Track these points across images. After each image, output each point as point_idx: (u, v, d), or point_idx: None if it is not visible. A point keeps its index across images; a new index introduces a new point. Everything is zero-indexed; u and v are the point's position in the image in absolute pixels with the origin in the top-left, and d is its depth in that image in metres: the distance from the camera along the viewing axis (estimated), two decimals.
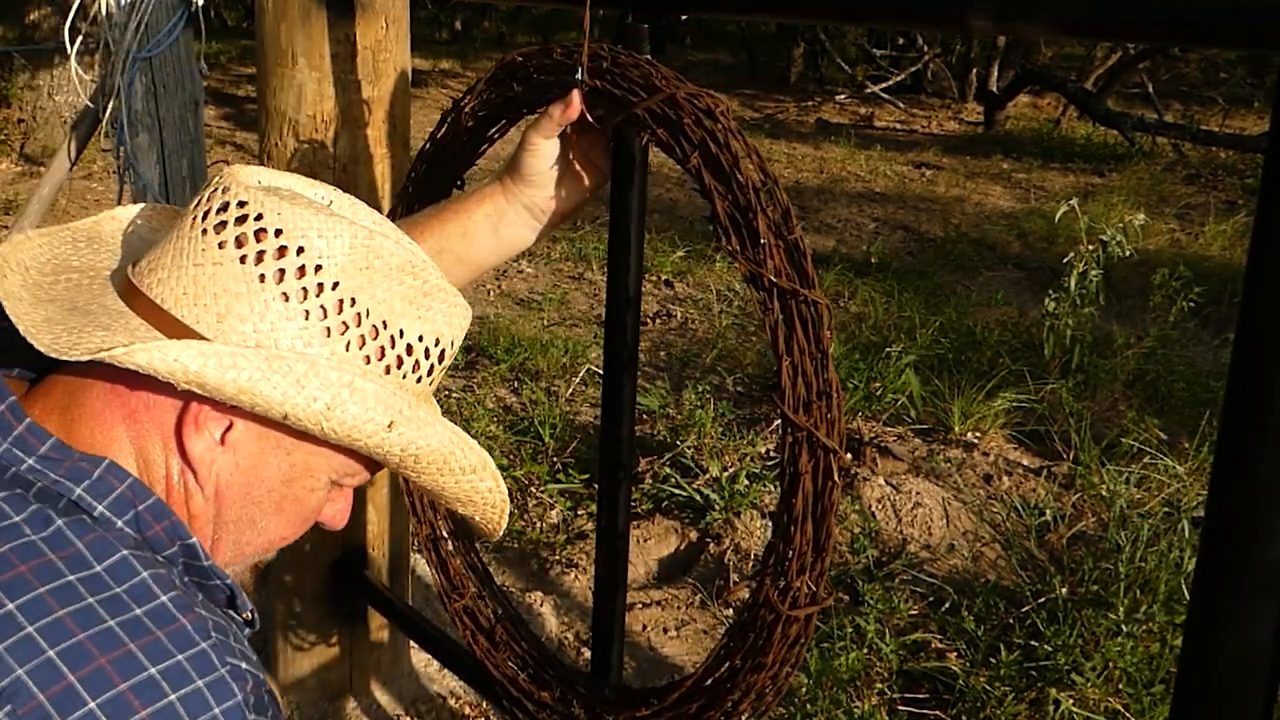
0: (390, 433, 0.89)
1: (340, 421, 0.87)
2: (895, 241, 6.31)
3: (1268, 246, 0.84)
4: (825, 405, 1.06)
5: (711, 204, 1.11)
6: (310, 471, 0.93)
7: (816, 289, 1.07)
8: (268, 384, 0.84)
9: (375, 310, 0.90)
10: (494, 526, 1.05)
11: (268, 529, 0.95)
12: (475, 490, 1.00)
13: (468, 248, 1.29)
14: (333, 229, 0.88)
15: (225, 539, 0.94)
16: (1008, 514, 3.08)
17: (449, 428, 0.95)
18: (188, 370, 0.82)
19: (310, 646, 2.21)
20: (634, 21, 1.24)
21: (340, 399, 0.86)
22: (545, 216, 1.30)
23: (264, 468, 0.91)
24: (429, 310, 0.93)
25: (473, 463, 0.97)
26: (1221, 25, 0.92)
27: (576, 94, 1.20)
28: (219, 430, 0.88)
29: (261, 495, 0.92)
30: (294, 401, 0.85)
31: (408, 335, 0.92)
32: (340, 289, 0.88)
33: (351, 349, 0.89)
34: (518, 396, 3.89)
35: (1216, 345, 4.51)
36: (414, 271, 0.92)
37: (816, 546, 1.09)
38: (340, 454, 0.93)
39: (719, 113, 1.11)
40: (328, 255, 0.88)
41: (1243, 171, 8.17)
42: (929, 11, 1.19)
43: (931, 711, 2.35)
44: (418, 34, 2.31)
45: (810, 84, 12.34)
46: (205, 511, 0.91)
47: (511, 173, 1.28)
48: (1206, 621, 0.91)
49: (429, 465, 0.94)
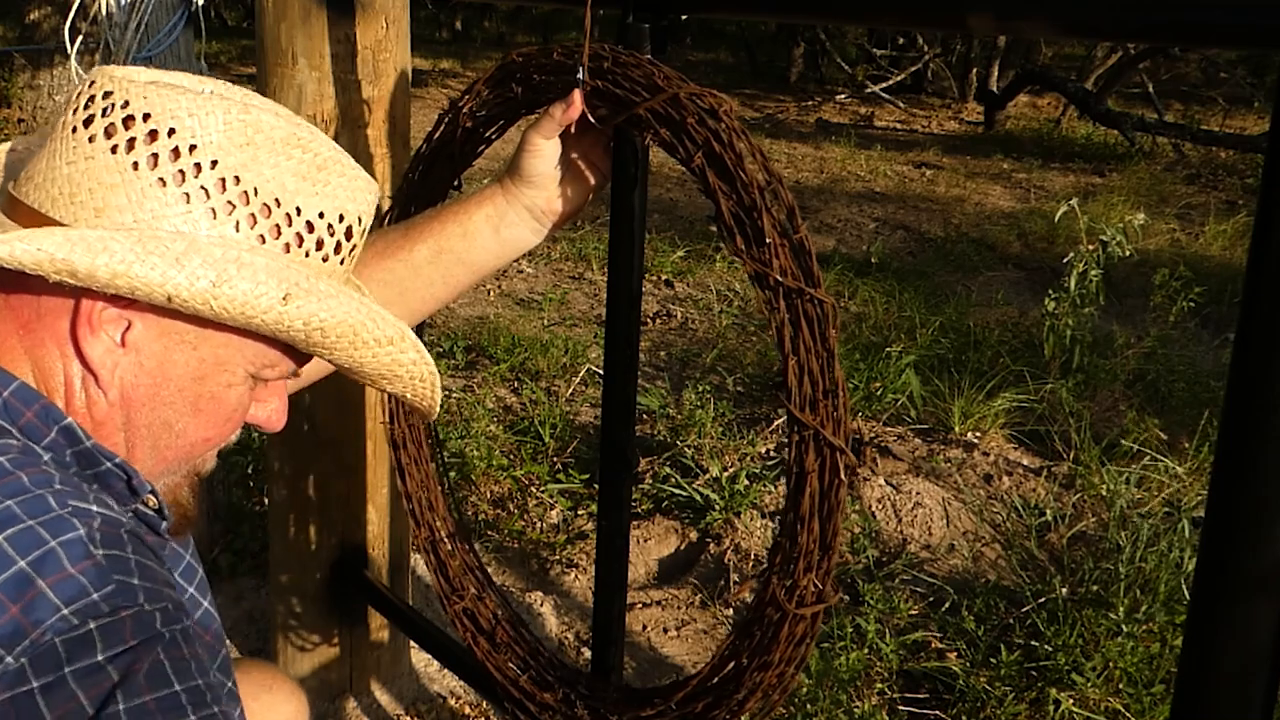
0: (287, 306, 0.85)
1: (230, 298, 0.82)
2: (895, 241, 6.31)
3: (1268, 246, 0.84)
4: (831, 404, 1.07)
5: (716, 204, 1.11)
6: (222, 365, 0.89)
7: (822, 288, 1.07)
8: (143, 265, 0.80)
9: (264, 188, 0.85)
10: (428, 403, 1.01)
11: (186, 431, 0.91)
12: (398, 364, 0.96)
13: (468, 249, 1.29)
14: (204, 107, 0.84)
15: (141, 444, 0.90)
16: (1008, 514, 3.08)
17: (357, 299, 0.91)
18: (54, 258, 0.78)
19: (310, 646, 2.21)
20: (634, 21, 1.23)
21: (227, 274, 0.81)
22: (546, 218, 1.29)
23: (170, 365, 0.87)
24: (326, 185, 0.89)
25: (388, 334, 0.93)
26: (1221, 25, 0.92)
27: (578, 94, 1.20)
28: (117, 331, 0.85)
29: (172, 395, 0.88)
30: (175, 281, 0.80)
31: (305, 212, 0.87)
32: (220, 167, 0.84)
33: (242, 229, 0.84)
34: (518, 396, 3.89)
35: (1216, 345, 4.51)
36: (301, 145, 0.87)
37: (823, 545, 1.09)
38: (250, 342, 0.89)
39: (722, 112, 1.11)
40: (201, 134, 0.83)
41: (1243, 171, 8.17)
42: (929, 11, 1.19)
43: (931, 711, 2.35)
44: (418, 34, 2.31)
45: (810, 84, 12.34)
46: (112, 417, 0.88)
47: (512, 174, 1.28)
48: (1206, 621, 0.91)
49: (339, 340, 0.90)
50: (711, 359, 4.21)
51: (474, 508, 3.12)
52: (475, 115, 1.37)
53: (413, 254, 1.28)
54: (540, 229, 1.30)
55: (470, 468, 3.22)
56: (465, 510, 3.10)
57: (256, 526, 2.85)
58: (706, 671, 1.21)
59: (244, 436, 3.25)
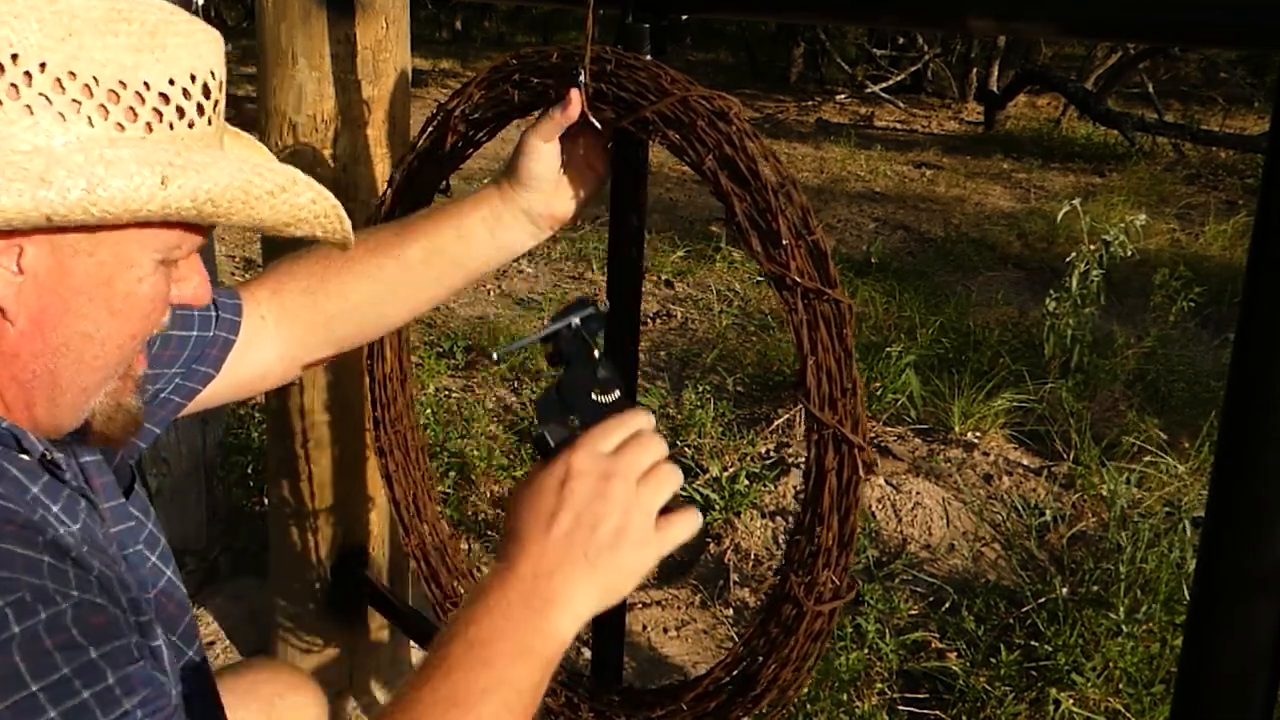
0: (168, 189, 0.81)
1: (108, 200, 0.79)
2: (895, 241, 6.31)
3: (1268, 246, 0.84)
4: (850, 402, 1.07)
5: (729, 207, 1.11)
6: (126, 261, 0.86)
7: (839, 288, 1.07)
8: (9, 196, 0.76)
9: (102, 75, 0.80)
10: (340, 235, 0.98)
11: (110, 335, 0.88)
12: (296, 208, 0.92)
13: (462, 251, 1.28)
14: (10, 10, 0.78)
15: (64, 365, 0.87)
16: (1008, 514, 3.08)
17: (236, 159, 0.88)
18: None
19: (310, 646, 2.21)
20: (634, 22, 1.23)
21: (96, 178, 0.78)
22: (544, 221, 1.28)
23: (72, 278, 0.84)
24: (164, 50, 0.84)
25: (278, 183, 0.89)
26: (1221, 25, 0.92)
27: (578, 95, 1.20)
28: (10, 261, 0.82)
29: (83, 306, 0.85)
30: (48, 200, 0.77)
31: (154, 85, 0.83)
32: (51, 68, 0.79)
33: (97, 124, 0.80)
34: (518, 396, 3.89)
35: (1216, 345, 4.51)
36: (125, 17, 0.82)
37: (841, 541, 1.09)
38: (146, 231, 0.86)
39: (733, 115, 1.11)
40: (18, 41, 0.78)
41: (1243, 171, 8.17)
42: (929, 11, 1.19)
43: (931, 711, 2.35)
44: (418, 34, 2.31)
45: (810, 84, 12.34)
46: (26, 345, 0.85)
47: (509, 176, 1.27)
48: (1206, 621, 0.91)
49: (231, 204, 0.86)
50: (711, 359, 4.21)
51: (474, 508, 3.12)
52: (468, 118, 1.35)
53: (406, 253, 1.27)
54: (537, 232, 1.29)
55: (470, 468, 3.22)
56: (465, 510, 3.10)
57: (256, 526, 2.85)
58: (720, 670, 1.21)
59: (244, 437, 3.26)
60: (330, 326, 1.29)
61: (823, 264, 1.07)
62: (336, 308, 1.28)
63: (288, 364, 1.31)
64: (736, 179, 1.10)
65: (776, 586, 1.15)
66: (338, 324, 1.30)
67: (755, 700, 1.17)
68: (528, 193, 1.26)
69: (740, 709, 1.19)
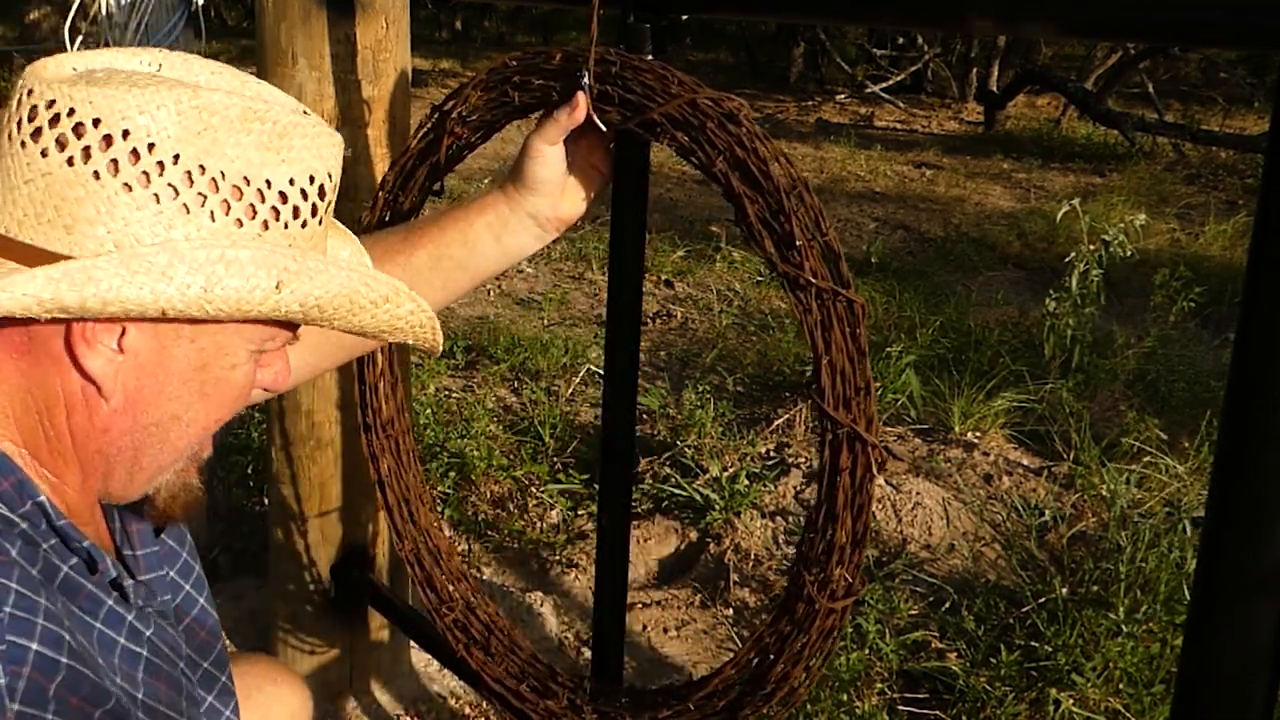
0: (281, 293, 0.84)
1: (224, 299, 0.82)
2: (895, 241, 6.31)
3: (1268, 246, 0.84)
4: (864, 401, 1.08)
5: (741, 209, 1.11)
6: (224, 350, 0.89)
7: (852, 288, 1.08)
8: (131, 288, 0.79)
9: (230, 170, 0.83)
10: (430, 344, 1.02)
11: (197, 418, 0.91)
12: (396, 318, 0.96)
13: (468, 255, 1.28)
14: (153, 101, 0.81)
15: (150, 443, 0.90)
16: (1008, 514, 3.08)
17: (346, 268, 0.91)
18: (42, 300, 0.77)
19: (310, 646, 2.21)
20: (635, 22, 1.23)
21: (215, 276, 0.81)
22: (550, 224, 1.28)
23: (171, 361, 0.87)
24: (290, 150, 0.87)
25: (382, 293, 0.93)
26: (1221, 25, 0.92)
27: (583, 97, 1.19)
28: (112, 339, 0.84)
29: (177, 389, 0.88)
30: (167, 295, 0.79)
31: (276, 183, 0.86)
32: (183, 161, 0.81)
33: (218, 218, 0.83)
34: (518, 396, 3.89)
35: (1216, 345, 4.51)
36: (259, 117, 0.85)
37: (854, 539, 1.10)
38: (247, 325, 0.88)
39: (743, 116, 1.11)
40: (156, 131, 0.80)
41: (1243, 171, 8.17)
42: (929, 11, 1.19)
43: (931, 711, 2.35)
44: (418, 34, 2.31)
45: (810, 84, 12.33)
46: (117, 422, 0.87)
47: (515, 180, 1.27)
48: (1206, 621, 0.91)
49: (336, 311, 0.90)
50: (711, 359, 4.21)
51: (474, 508, 3.12)
52: (465, 120, 1.34)
53: (412, 259, 1.27)
54: (543, 235, 1.30)
55: (470, 468, 3.22)
56: (465, 510, 3.10)
57: (256, 526, 2.85)
58: (729, 669, 1.21)
59: (244, 437, 3.26)
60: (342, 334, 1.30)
61: (836, 264, 1.08)
62: None
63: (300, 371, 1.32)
64: (748, 181, 1.10)
65: (789, 584, 1.15)
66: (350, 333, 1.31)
67: (765, 699, 1.17)
68: (533, 196, 1.26)
69: (749, 708, 1.19)
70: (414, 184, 1.45)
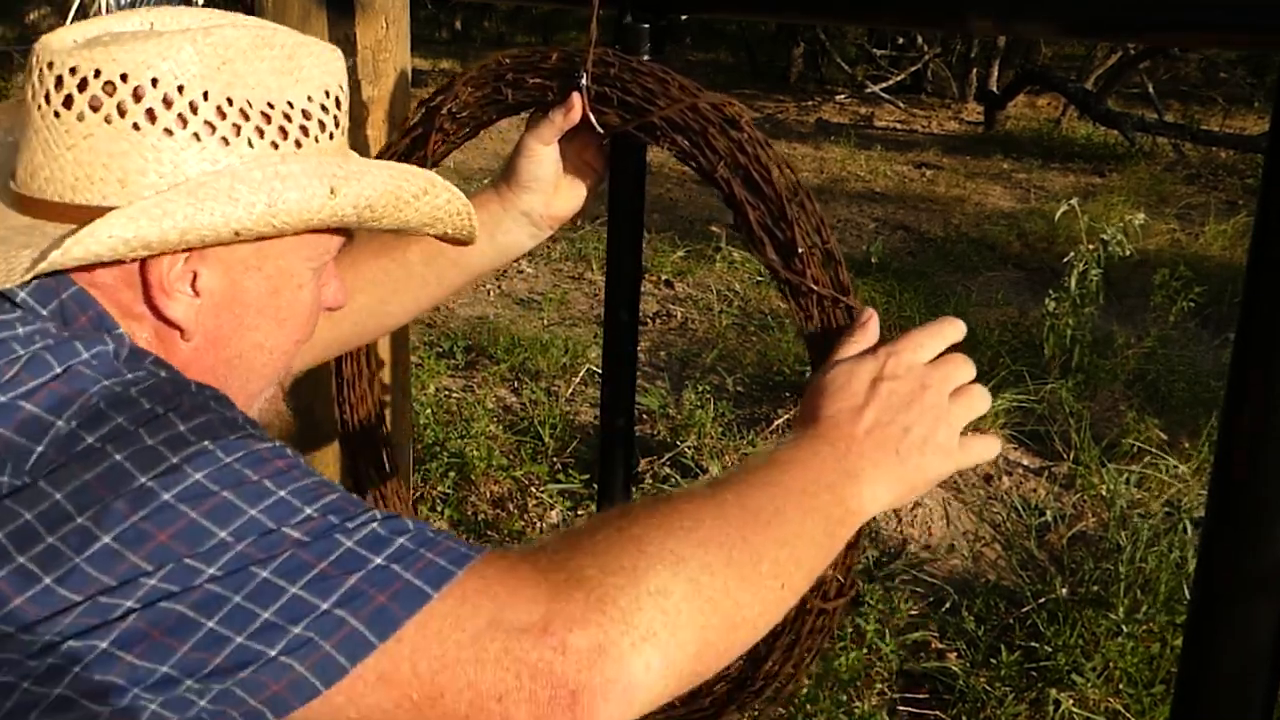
0: (336, 198, 0.88)
1: (287, 212, 0.86)
2: (895, 241, 6.31)
3: (1268, 246, 0.84)
4: None
5: (743, 216, 1.11)
6: (289, 274, 0.93)
7: (852, 294, 1.09)
8: (203, 214, 0.83)
9: (254, 98, 0.88)
10: (469, 232, 1.05)
11: (278, 344, 0.95)
12: (436, 209, 0.99)
13: (462, 252, 1.28)
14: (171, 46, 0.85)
15: (236, 374, 0.94)
16: (1008, 514, 3.08)
17: (383, 165, 0.95)
18: (127, 240, 0.81)
19: None
20: (633, 21, 1.23)
21: (275, 191, 0.85)
22: (544, 222, 1.29)
23: (245, 294, 0.91)
24: (302, 70, 0.91)
25: (421, 186, 0.96)
26: (1221, 25, 0.92)
27: (578, 97, 1.19)
28: (187, 285, 0.88)
29: (255, 319, 0.92)
30: (236, 215, 0.83)
31: (297, 103, 0.90)
32: (212, 97, 0.86)
33: (255, 144, 0.87)
34: (518, 396, 3.89)
35: (1216, 345, 4.51)
36: (267, 43, 0.90)
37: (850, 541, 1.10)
38: (304, 240, 0.92)
39: (744, 123, 1.11)
40: (181, 74, 0.85)
41: (1243, 171, 8.17)
42: (929, 11, 1.19)
43: (931, 711, 2.35)
44: (418, 34, 2.31)
45: (810, 84, 12.33)
46: (198, 359, 0.91)
47: (508, 179, 1.27)
48: (1206, 621, 0.91)
49: (385, 208, 0.93)
50: (711, 359, 4.21)
51: (474, 508, 3.12)
52: (455, 116, 1.33)
53: (406, 254, 1.28)
54: (537, 233, 1.30)
55: (470, 468, 3.22)
56: (465, 510, 3.10)
57: None
58: None
59: None
60: (337, 327, 1.30)
61: (836, 271, 1.09)
62: (343, 310, 1.29)
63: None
64: (750, 187, 1.10)
65: None
66: (344, 324, 1.31)
67: (754, 695, 1.17)
68: (527, 194, 1.26)
69: (737, 704, 1.19)
70: None
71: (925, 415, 0.98)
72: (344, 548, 0.73)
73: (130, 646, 0.70)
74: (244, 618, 0.70)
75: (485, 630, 0.72)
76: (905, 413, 0.97)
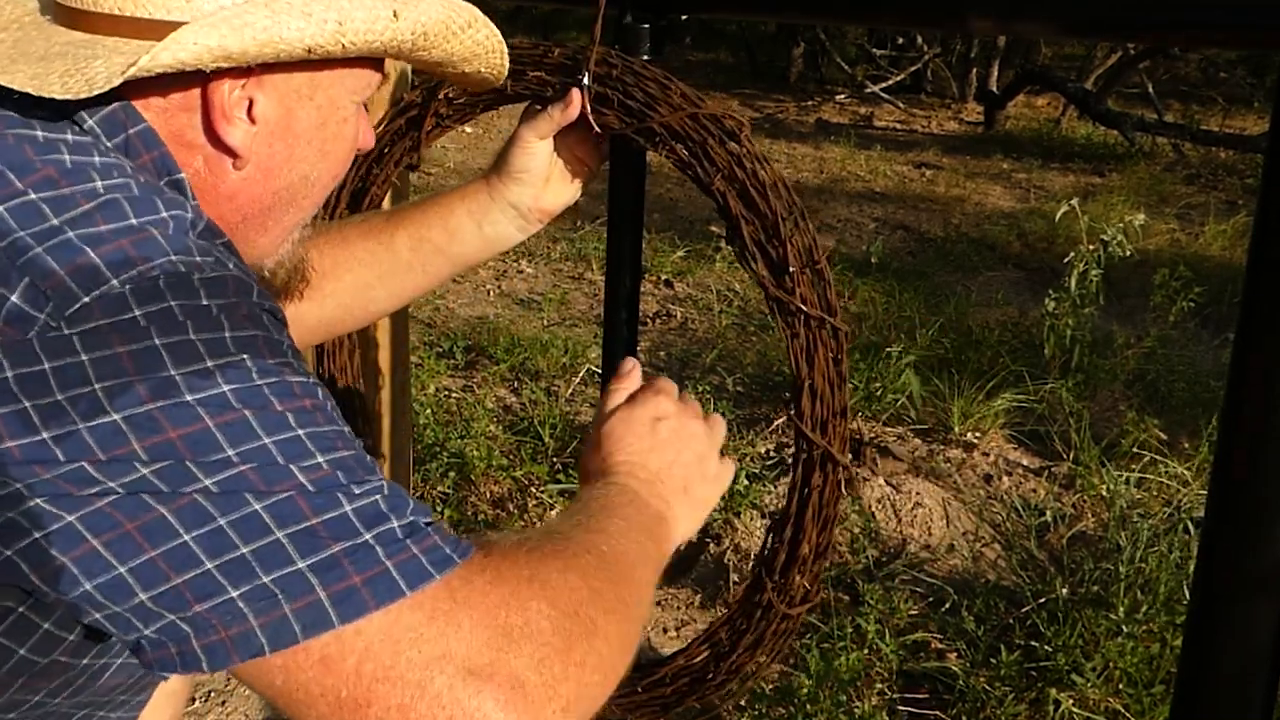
0: (398, 21, 0.89)
1: (354, 32, 0.86)
2: (895, 241, 6.31)
3: (1268, 246, 0.84)
4: (840, 425, 1.12)
5: (737, 230, 1.12)
6: (336, 105, 0.94)
7: (839, 316, 1.11)
8: (281, 27, 0.83)
9: None
10: (499, 70, 1.06)
11: (320, 177, 0.97)
12: (478, 43, 1.01)
13: (449, 241, 1.28)
14: None
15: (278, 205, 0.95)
16: (1008, 514, 3.08)
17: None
18: (210, 48, 0.81)
19: None
20: (633, 21, 1.23)
21: (344, 10, 0.85)
22: (532, 215, 1.28)
23: (296, 123, 0.92)
24: None
25: (467, 18, 0.97)
26: (1221, 25, 0.92)
27: (578, 95, 1.19)
28: (243, 111, 0.88)
29: (304, 150, 0.93)
30: (310, 32, 0.84)
31: None
32: None
33: None
34: (518, 396, 3.89)
35: (1216, 345, 4.51)
36: None
37: (818, 552, 1.14)
38: (351, 72, 0.94)
39: (743, 136, 1.12)
40: None
41: (1243, 171, 8.17)
42: (929, 11, 1.19)
43: (931, 711, 2.35)
44: None
45: (810, 84, 12.33)
46: (246, 189, 0.91)
47: (499, 169, 1.27)
48: (1206, 621, 0.91)
49: (436, 37, 0.94)
50: (711, 359, 4.21)
51: (474, 508, 3.12)
52: (451, 101, 1.33)
53: (394, 239, 1.28)
54: (526, 226, 1.30)
55: (470, 468, 3.22)
56: (465, 510, 3.10)
57: None
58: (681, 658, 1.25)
59: None
60: (323, 304, 1.29)
61: (825, 292, 1.10)
62: (331, 286, 1.29)
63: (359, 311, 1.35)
64: (746, 203, 1.11)
65: (749, 586, 1.19)
66: (330, 303, 1.30)
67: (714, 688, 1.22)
68: (517, 186, 1.26)
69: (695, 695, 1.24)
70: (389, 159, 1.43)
71: (698, 446, 1.07)
72: (341, 511, 0.72)
73: (98, 531, 0.68)
74: (221, 544, 0.69)
75: (438, 660, 0.70)
76: (685, 449, 1.05)
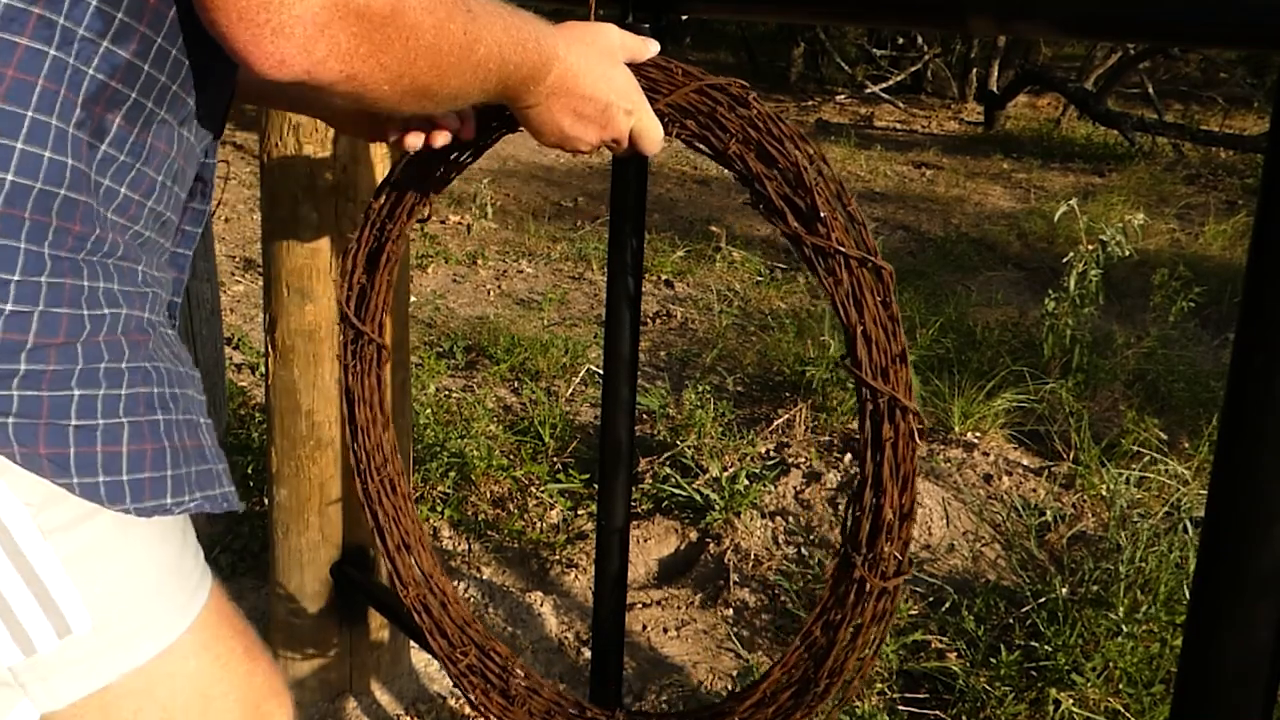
0: None
1: None
2: (895, 241, 6.31)
3: (1268, 246, 0.84)
4: (901, 369, 1.06)
5: (759, 188, 1.09)
6: None
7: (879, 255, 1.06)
8: None
9: None
10: None
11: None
12: None
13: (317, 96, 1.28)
14: None
15: None
16: (1008, 514, 3.08)
17: None
18: None
19: (310, 646, 2.21)
20: (634, 21, 1.23)
21: None
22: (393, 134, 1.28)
23: None
24: None
25: None
26: (1221, 25, 0.92)
27: None
28: None
29: None
30: None
31: None
32: None
33: None
34: (518, 396, 3.89)
35: (1216, 345, 4.51)
36: None
37: (902, 514, 1.07)
38: None
39: (751, 99, 1.11)
40: None
41: (1243, 171, 8.18)
42: (929, 11, 1.19)
43: (931, 711, 2.35)
44: None
45: (810, 84, 12.34)
46: None
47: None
48: (1206, 621, 0.91)
49: None
50: (711, 359, 4.21)
51: (474, 508, 3.12)
52: None
53: None
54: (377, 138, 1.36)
55: (470, 468, 3.22)
56: (465, 510, 3.10)
57: (256, 526, 2.85)
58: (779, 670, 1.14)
59: (244, 437, 3.26)
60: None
61: (861, 234, 1.06)
62: None
63: None
64: (765, 159, 1.09)
65: (836, 569, 1.10)
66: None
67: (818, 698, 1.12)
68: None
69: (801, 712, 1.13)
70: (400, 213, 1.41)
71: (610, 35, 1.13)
72: None
73: None
74: None
75: None
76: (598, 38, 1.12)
